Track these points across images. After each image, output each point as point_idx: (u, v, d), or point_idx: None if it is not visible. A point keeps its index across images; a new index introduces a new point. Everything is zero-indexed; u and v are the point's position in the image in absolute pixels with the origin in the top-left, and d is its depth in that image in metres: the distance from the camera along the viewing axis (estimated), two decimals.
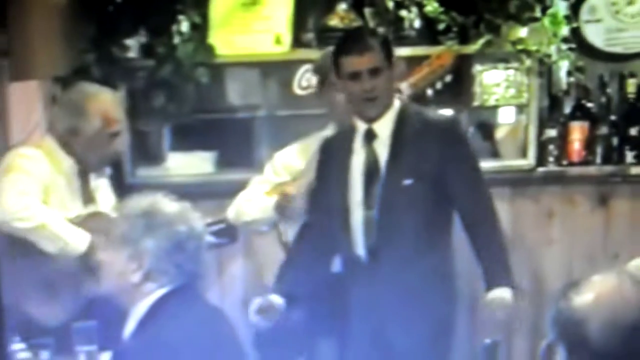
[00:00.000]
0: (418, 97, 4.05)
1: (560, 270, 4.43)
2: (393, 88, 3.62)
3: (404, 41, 4.29)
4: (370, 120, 3.53)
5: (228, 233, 4.00)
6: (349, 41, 3.64)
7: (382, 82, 3.47)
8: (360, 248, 3.48)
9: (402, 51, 4.03)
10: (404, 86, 3.80)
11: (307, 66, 4.36)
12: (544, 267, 4.48)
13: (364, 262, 3.49)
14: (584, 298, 1.94)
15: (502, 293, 3.35)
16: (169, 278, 2.77)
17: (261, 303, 3.77)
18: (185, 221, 2.81)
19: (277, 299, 3.73)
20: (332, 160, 3.64)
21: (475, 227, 3.46)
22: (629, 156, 4.39)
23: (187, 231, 2.80)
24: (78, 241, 3.59)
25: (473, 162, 3.56)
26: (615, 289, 1.94)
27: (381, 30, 4.19)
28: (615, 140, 4.41)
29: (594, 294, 1.95)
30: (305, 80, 4.46)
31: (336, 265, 3.82)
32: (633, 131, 4.37)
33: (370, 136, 3.54)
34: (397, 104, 3.55)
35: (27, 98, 4.26)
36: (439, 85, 4.37)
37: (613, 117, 4.41)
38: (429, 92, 4.33)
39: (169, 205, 2.82)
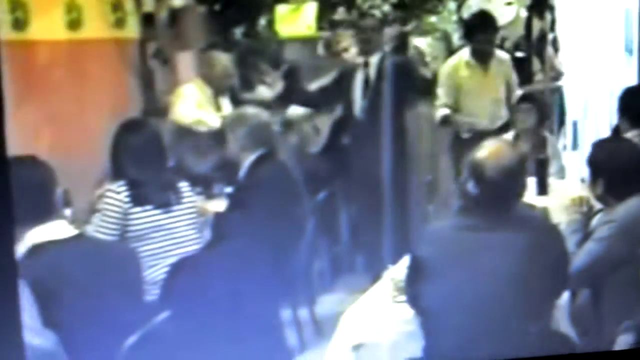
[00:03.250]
0: None
1: None
2: (379, 41, 5.48)
3: None
4: (366, 53, 5.34)
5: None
6: (364, 16, 5.91)
7: (374, 36, 5.40)
8: (359, 114, 5.31)
9: None
10: None
11: (322, 40, 6.41)
12: None
13: (361, 121, 5.31)
14: (482, 152, 2.63)
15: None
16: (252, 148, 3.84)
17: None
18: (257, 118, 3.90)
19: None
20: (345, 78, 5.38)
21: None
22: None
23: (257, 123, 3.86)
24: (214, 124, 4.88)
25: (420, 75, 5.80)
26: (496, 148, 2.64)
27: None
28: None
29: (487, 150, 2.63)
30: (322, 47, 6.45)
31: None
32: None
33: (366, 64, 5.32)
34: (380, 52, 5.38)
35: (187, 59, 5.77)
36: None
37: None
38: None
39: (249, 110, 4.04)
